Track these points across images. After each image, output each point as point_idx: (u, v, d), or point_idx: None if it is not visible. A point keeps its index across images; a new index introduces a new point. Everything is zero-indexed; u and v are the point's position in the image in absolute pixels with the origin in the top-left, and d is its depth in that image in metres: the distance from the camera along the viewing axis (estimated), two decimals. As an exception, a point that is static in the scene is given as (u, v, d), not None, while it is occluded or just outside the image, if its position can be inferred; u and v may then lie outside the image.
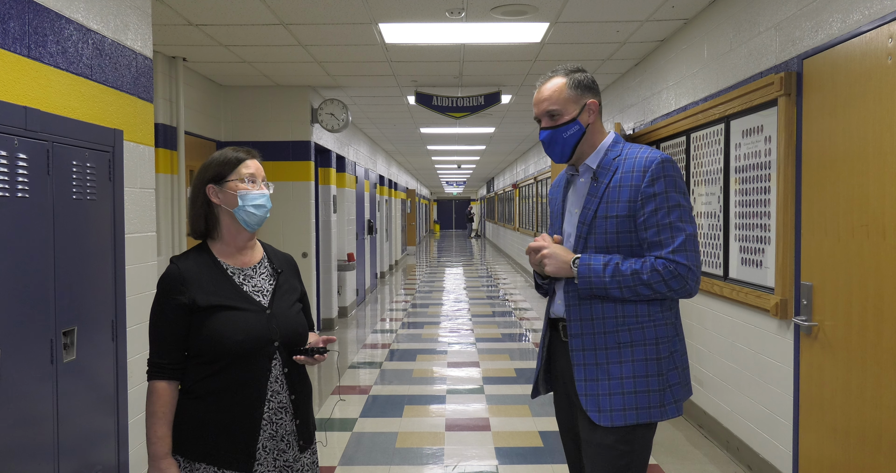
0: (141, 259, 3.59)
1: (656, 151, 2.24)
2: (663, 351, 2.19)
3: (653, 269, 2.13)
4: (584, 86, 2.29)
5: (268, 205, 2.10)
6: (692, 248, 2.15)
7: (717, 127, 4.51)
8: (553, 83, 2.31)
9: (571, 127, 2.27)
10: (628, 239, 2.20)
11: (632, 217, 2.18)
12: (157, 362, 2.02)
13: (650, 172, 2.16)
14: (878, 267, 2.83)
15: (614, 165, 2.24)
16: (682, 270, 2.13)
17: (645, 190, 2.16)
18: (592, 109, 2.29)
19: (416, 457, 4.44)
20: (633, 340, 2.18)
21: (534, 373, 2.42)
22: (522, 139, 13.53)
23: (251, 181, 2.08)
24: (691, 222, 2.18)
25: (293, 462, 2.09)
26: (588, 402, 2.19)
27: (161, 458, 1.99)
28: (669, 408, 2.19)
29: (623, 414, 2.16)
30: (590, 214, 2.24)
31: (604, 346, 2.19)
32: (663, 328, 2.20)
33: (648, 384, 2.17)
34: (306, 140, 7.63)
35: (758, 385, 4.00)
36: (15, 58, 2.61)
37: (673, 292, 2.15)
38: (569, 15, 4.95)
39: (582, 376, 2.21)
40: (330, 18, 4.98)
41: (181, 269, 2.05)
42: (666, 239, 2.14)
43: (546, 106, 2.30)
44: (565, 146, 2.29)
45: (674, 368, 2.21)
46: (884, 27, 2.80)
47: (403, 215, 22.19)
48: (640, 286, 2.14)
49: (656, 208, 2.15)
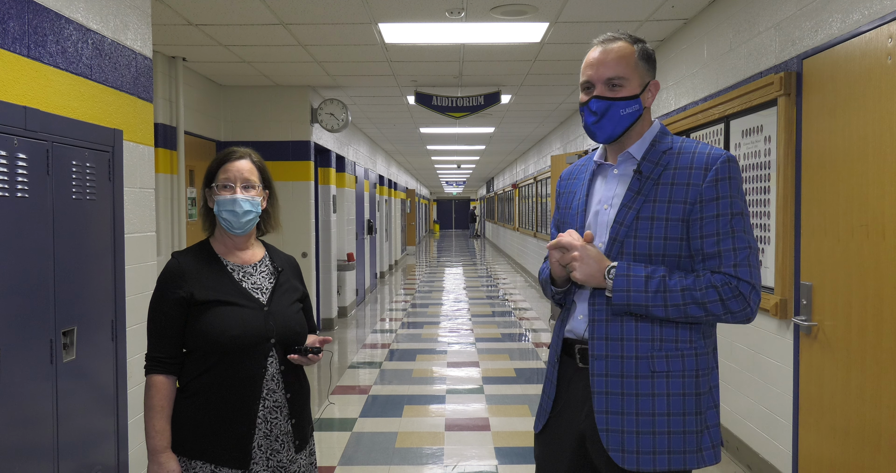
0: (140, 259, 3.59)
1: (719, 147, 1.92)
2: (703, 385, 1.85)
3: (709, 285, 1.79)
4: (651, 60, 1.96)
5: (240, 209, 2.07)
6: (755, 263, 1.83)
7: (717, 127, 4.51)
8: (620, 46, 1.91)
9: (632, 104, 1.90)
10: (677, 248, 1.86)
11: (686, 222, 1.84)
12: (154, 356, 2.03)
13: (714, 171, 1.83)
14: (877, 267, 2.83)
15: (665, 160, 1.90)
16: (744, 288, 1.79)
17: (707, 191, 1.83)
18: (653, 90, 1.95)
19: (415, 457, 4.44)
20: (671, 369, 1.83)
21: (539, 406, 2.08)
22: (522, 139, 13.52)
23: (223, 187, 2.08)
24: (752, 234, 1.87)
25: (288, 463, 2.09)
26: (610, 439, 1.84)
27: (160, 452, 1.99)
28: (707, 454, 1.85)
29: (653, 458, 1.81)
30: (630, 214, 1.89)
31: (634, 374, 1.84)
32: (705, 358, 1.87)
33: (685, 423, 1.83)
34: (306, 140, 7.63)
35: (757, 385, 4.00)
36: (14, 58, 2.61)
37: (730, 316, 1.81)
38: (568, 15, 4.95)
39: (604, 407, 1.85)
40: (330, 18, 4.98)
41: (181, 263, 2.07)
42: (727, 251, 1.81)
43: (610, 72, 1.89)
44: (618, 125, 1.92)
45: (713, 406, 1.88)
46: (883, 27, 2.80)
47: (403, 214, 22.19)
48: (692, 306, 1.79)
49: (718, 213, 1.82)
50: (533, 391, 6.01)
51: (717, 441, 1.88)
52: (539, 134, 12.56)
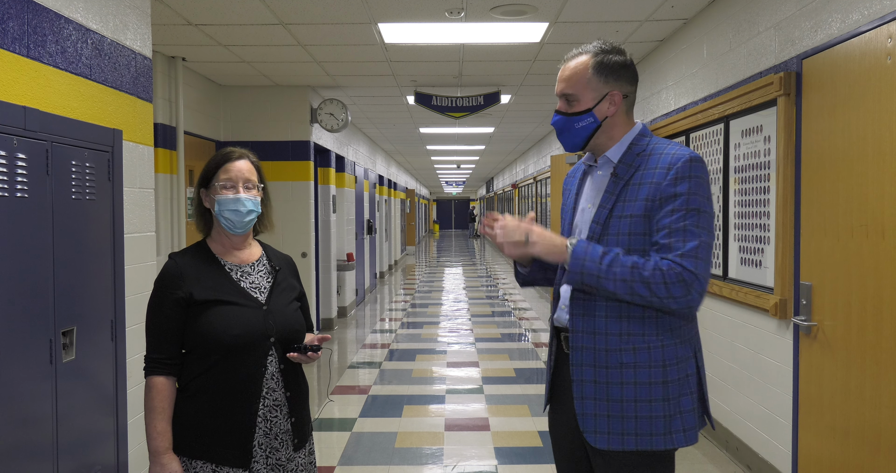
0: (140, 259, 3.59)
1: (686, 148, 2.00)
2: (671, 374, 1.96)
3: (656, 267, 1.88)
4: (611, 70, 2.00)
5: (243, 209, 2.08)
6: (703, 256, 1.89)
7: (717, 127, 4.51)
8: (576, 62, 2.02)
9: (584, 118, 2.02)
10: (641, 242, 1.96)
11: (648, 217, 1.95)
12: (154, 357, 2.03)
13: (675, 170, 1.92)
14: (877, 267, 2.83)
15: (637, 161, 2.00)
16: (687, 276, 1.87)
17: (666, 189, 1.92)
18: (615, 100, 2.01)
19: (415, 457, 4.44)
20: (638, 361, 1.95)
21: (546, 384, 2.24)
22: (522, 139, 13.52)
23: (225, 187, 2.08)
24: (709, 231, 1.93)
25: (286, 461, 2.09)
26: (585, 421, 2.00)
27: (162, 453, 1.99)
28: (677, 436, 1.96)
29: (621, 439, 1.96)
30: (605, 213, 2.01)
31: (605, 364, 1.98)
32: (672, 349, 1.97)
33: (652, 409, 1.95)
34: (306, 140, 7.63)
35: (757, 385, 4.00)
36: (14, 58, 2.60)
37: (671, 300, 1.88)
38: (568, 15, 4.95)
39: (580, 393, 2.01)
40: (329, 18, 4.98)
41: (179, 264, 2.07)
42: (676, 242, 1.89)
43: (562, 87, 2.04)
44: (576, 137, 2.06)
45: (688, 393, 1.98)
46: (883, 27, 2.80)
47: (403, 214, 22.18)
48: (638, 284, 1.88)
49: (674, 209, 1.91)
50: (533, 391, 6.01)
51: (689, 425, 1.98)
52: (539, 134, 12.57)
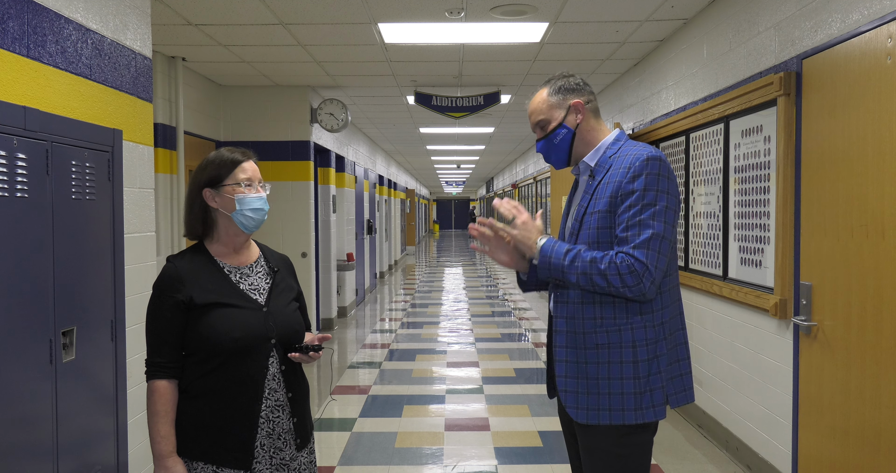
0: (140, 259, 3.59)
1: (649, 148, 2.19)
2: (641, 354, 2.15)
3: (611, 261, 2.08)
4: (566, 89, 2.31)
5: (266, 207, 2.10)
6: (655, 247, 2.08)
7: (717, 127, 4.51)
8: (536, 97, 2.37)
9: (559, 131, 2.30)
10: (608, 235, 2.16)
11: (611, 213, 2.15)
12: (155, 361, 2.02)
13: (633, 169, 2.12)
14: (877, 267, 2.83)
15: (609, 163, 2.22)
16: (638, 267, 2.06)
17: (625, 186, 2.12)
18: (578, 108, 2.28)
19: (415, 457, 4.44)
20: (610, 342, 2.16)
21: (547, 373, 2.45)
22: (522, 139, 13.53)
23: (248, 185, 2.07)
24: (665, 223, 2.10)
25: (290, 460, 2.10)
26: (567, 398, 2.21)
27: (166, 456, 1.99)
28: (647, 412, 2.15)
29: (597, 414, 2.16)
30: (582, 211, 2.24)
31: (583, 345, 2.19)
32: (642, 331, 2.16)
33: (623, 386, 2.15)
34: (305, 140, 7.63)
35: (757, 385, 4.00)
36: (14, 58, 2.61)
37: (627, 289, 2.08)
38: (568, 15, 4.95)
39: (563, 372, 2.22)
40: (329, 18, 4.98)
41: (178, 267, 2.05)
42: (632, 235, 2.09)
43: (535, 118, 2.34)
44: (560, 151, 2.32)
45: (657, 372, 2.17)
46: (883, 27, 2.80)
47: (403, 214, 22.18)
48: (596, 276, 2.09)
49: (630, 204, 2.11)
50: (533, 391, 6.01)
51: (657, 401, 2.17)
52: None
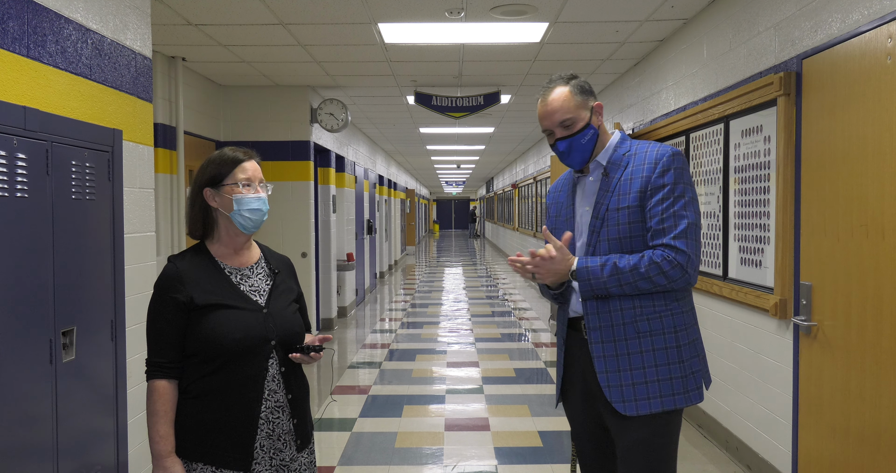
0: (140, 259, 3.59)
1: (666, 145, 2.29)
2: (682, 339, 2.23)
3: (651, 262, 2.15)
4: (586, 90, 2.34)
5: (264, 208, 2.09)
6: (692, 236, 2.18)
7: (717, 127, 4.51)
8: (558, 93, 2.31)
9: (587, 132, 2.31)
10: (639, 229, 2.23)
11: (641, 207, 2.22)
12: (155, 361, 2.02)
13: (661, 164, 2.21)
14: (877, 267, 2.83)
15: (625, 161, 2.29)
16: (681, 258, 2.14)
17: (655, 181, 2.21)
18: (599, 111, 2.34)
19: (415, 457, 4.44)
20: (653, 329, 2.20)
21: (557, 382, 2.46)
22: (522, 139, 13.52)
23: (246, 185, 2.06)
24: (696, 213, 2.21)
25: (290, 461, 2.09)
26: (612, 393, 2.21)
27: (165, 456, 1.99)
28: (693, 394, 2.23)
29: (648, 403, 2.19)
30: (603, 208, 2.28)
31: (623, 337, 2.21)
32: (681, 317, 2.24)
33: (671, 371, 2.20)
34: (306, 140, 7.63)
35: (757, 385, 4.00)
36: (14, 58, 2.60)
37: (672, 283, 2.16)
38: (568, 15, 4.95)
39: (603, 368, 2.23)
40: (329, 18, 4.98)
41: (179, 268, 2.05)
42: (669, 227, 2.17)
43: (559, 117, 2.30)
44: (584, 152, 2.32)
45: (695, 355, 2.25)
46: (883, 27, 2.80)
47: (403, 214, 22.18)
48: (640, 281, 2.16)
49: (663, 197, 2.19)
50: (532, 391, 6.01)
51: (699, 384, 2.25)
52: (539, 134, 12.56)
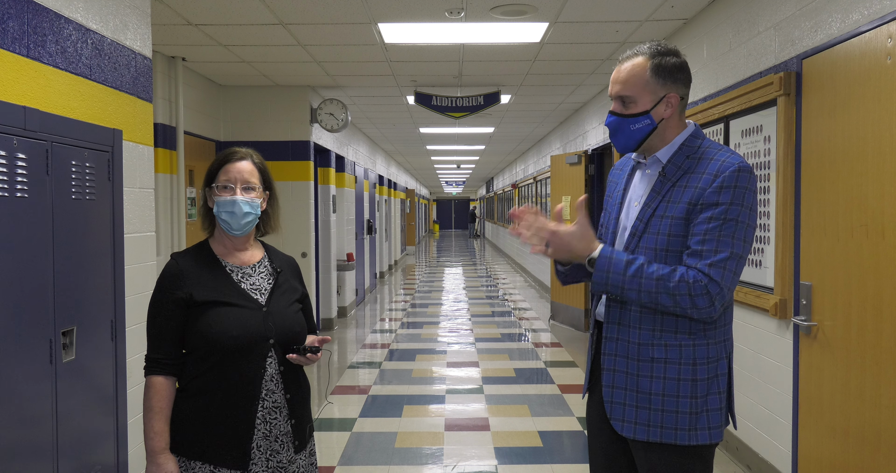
0: (140, 259, 3.59)
1: (737, 155, 1.98)
2: (701, 373, 1.97)
3: (681, 279, 1.89)
4: (669, 73, 2.00)
5: (240, 211, 2.07)
6: (732, 268, 1.90)
7: (717, 127, 4.51)
8: (633, 63, 2.01)
9: (641, 120, 2.01)
10: (679, 244, 1.96)
11: (687, 221, 1.95)
12: (154, 357, 2.03)
13: (721, 178, 1.91)
14: (877, 267, 2.83)
15: (687, 164, 2.00)
16: (713, 289, 1.88)
17: (709, 196, 1.92)
18: (672, 103, 2.01)
19: (415, 457, 4.44)
20: (668, 357, 1.97)
21: (586, 375, 2.28)
22: (522, 139, 13.52)
23: (223, 187, 2.09)
24: (745, 242, 1.92)
25: (287, 463, 2.09)
26: (613, 410, 2.04)
27: (159, 453, 1.99)
28: (702, 433, 1.97)
29: (647, 430, 1.99)
30: (649, 212, 2.02)
31: (636, 357, 2.00)
32: (704, 349, 1.98)
33: (679, 404, 1.96)
34: (305, 140, 7.63)
35: (757, 385, 4.00)
36: (14, 58, 2.60)
37: (695, 311, 1.90)
38: (568, 15, 4.95)
39: (610, 382, 2.05)
40: (329, 18, 4.98)
41: (180, 264, 2.07)
42: (708, 251, 1.89)
43: (618, 89, 2.03)
44: (630, 139, 2.05)
45: (717, 392, 1.99)
46: (883, 27, 2.80)
47: (403, 214, 22.18)
48: (663, 295, 1.90)
49: (712, 216, 1.90)
50: (533, 391, 6.01)
51: (714, 423, 1.99)
52: (539, 134, 12.57)
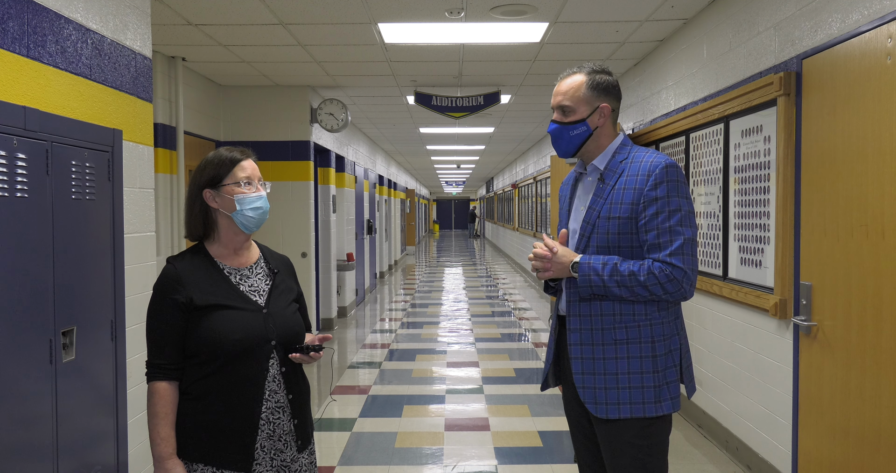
0: (140, 259, 3.59)
1: (662, 155, 2.29)
2: (659, 349, 2.25)
3: (649, 272, 2.18)
4: (603, 88, 2.34)
5: (265, 206, 2.09)
6: (689, 251, 2.20)
7: (717, 127, 4.51)
8: (573, 80, 2.35)
9: (579, 127, 2.33)
10: (629, 240, 2.26)
11: (633, 219, 2.24)
12: (155, 362, 2.01)
13: (654, 177, 2.22)
14: (877, 267, 2.83)
15: (620, 168, 2.30)
16: (677, 273, 2.18)
17: (648, 194, 2.22)
18: (604, 112, 2.33)
19: (415, 457, 4.44)
20: (629, 338, 2.25)
21: (544, 367, 2.55)
22: (522, 139, 13.52)
23: (248, 183, 2.06)
24: (691, 226, 2.23)
25: (290, 462, 2.09)
26: (585, 394, 2.27)
27: (166, 459, 1.99)
28: (665, 404, 2.25)
29: (618, 408, 2.24)
30: (594, 214, 2.30)
31: (601, 342, 2.26)
32: (660, 327, 2.26)
33: (643, 380, 2.24)
34: (305, 140, 7.63)
35: (757, 385, 4.00)
36: (14, 58, 2.60)
37: (668, 295, 2.20)
38: (568, 15, 4.95)
39: (580, 369, 2.29)
40: (329, 18, 4.98)
41: (178, 269, 2.05)
42: (665, 242, 2.20)
43: (560, 100, 2.35)
44: (570, 144, 2.35)
45: (672, 366, 2.28)
46: (883, 27, 2.80)
47: (403, 214, 22.18)
48: (637, 288, 2.19)
49: (657, 211, 2.21)
50: (533, 391, 6.01)
51: (674, 394, 2.27)
52: (539, 134, 12.57)
